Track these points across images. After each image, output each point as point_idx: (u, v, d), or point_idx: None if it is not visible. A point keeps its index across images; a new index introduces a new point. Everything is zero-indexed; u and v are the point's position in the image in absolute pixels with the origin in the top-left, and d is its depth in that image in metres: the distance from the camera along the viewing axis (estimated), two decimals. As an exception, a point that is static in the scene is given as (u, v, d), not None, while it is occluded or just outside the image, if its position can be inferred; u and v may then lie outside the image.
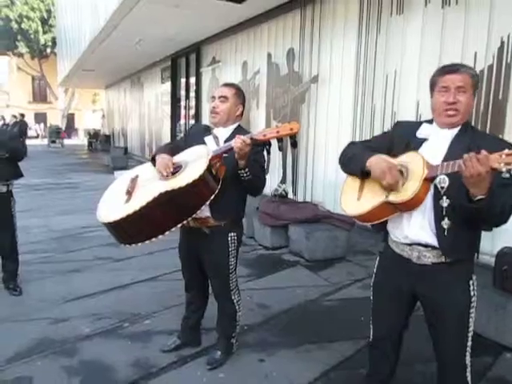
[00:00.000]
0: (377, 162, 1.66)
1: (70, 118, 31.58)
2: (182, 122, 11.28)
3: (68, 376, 2.40)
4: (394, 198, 1.61)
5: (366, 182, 1.77)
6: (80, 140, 28.91)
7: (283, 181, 6.67)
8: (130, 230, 2.05)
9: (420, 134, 1.73)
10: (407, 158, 1.66)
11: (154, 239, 2.04)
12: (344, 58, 5.43)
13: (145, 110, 14.72)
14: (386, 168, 1.61)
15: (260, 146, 2.20)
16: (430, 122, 1.75)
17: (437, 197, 1.60)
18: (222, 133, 2.38)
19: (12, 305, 3.32)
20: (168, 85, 11.91)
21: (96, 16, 8.98)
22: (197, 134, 2.46)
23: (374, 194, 1.69)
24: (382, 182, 1.62)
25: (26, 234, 4.86)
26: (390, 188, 1.61)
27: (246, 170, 2.12)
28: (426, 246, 1.67)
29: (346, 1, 5.36)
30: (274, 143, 2.07)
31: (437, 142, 1.68)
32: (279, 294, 3.58)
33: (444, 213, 1.59)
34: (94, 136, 21.98)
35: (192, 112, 10.42)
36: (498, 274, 2.85)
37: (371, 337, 1.93)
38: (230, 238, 2.37)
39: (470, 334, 1.70)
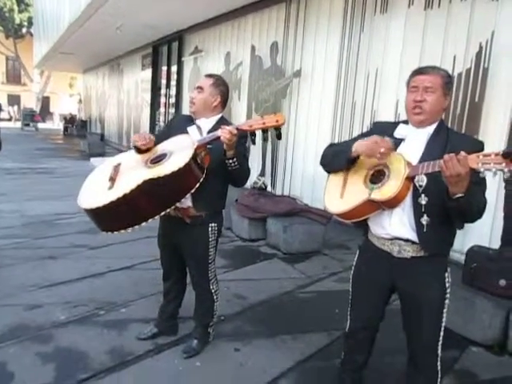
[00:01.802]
0: (362, 142, 1.72)
1: (45, 102, 30.79)
2: (162, 110, 11.17)
3: (42, 362, 2.38)
4: (376, 195, 1.66)
5: (348, 180, 1.82)
6: (55, 124, 28.21)
7: (262, 173, 6.71)
8: (113, 217, 2.04)
9: (397, 134, 1.80)
10: (388, 158, 1.72)
11: (136, 227, 2.04)
12: (327, 53, 5.48)
13: (124, 97, 14.48)
14: (375, 140, 1.67)
15: (244, 137, 2.22)
16: (406, 122, 1.82)
17: (416, 195, 1.66)
18: (205, 123, 2.39)
19: (-16, 290, 3.26)
20: (149, 72, 11.75)
21: (76, -2, 8.76)
22: (180, 124, 2.46)
23: (356, 193, 1.74)
24: (377, 152, 1.65)
25: (-2, 218, 4.76)
26: (385, 157, 1.65)
27: (234, 159, 2.14)
28: (406, 240, 1.74)
29: (331, -3, 5.40)
30: (259, 134, 2.09)
31: (413, 141, 1.76)
32: (256, 285, 3.63)
33: (423, 210, 1.65)
34: (70, 121, 21.48)
35: (172, 101, 10.32)
36: (467, 271, 2.97)
37: (347, 327, 1.99)
38: (210, 229, 2.39)
39: (443, 324, 1.79)
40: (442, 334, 1.78)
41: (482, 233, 3.64)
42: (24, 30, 25.97)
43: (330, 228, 4.78)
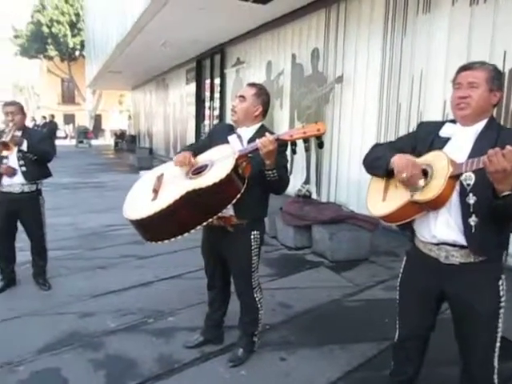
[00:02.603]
0: (400, 158, 1.66)
1: (98, 119, 32.27)
2: (207, 122, 11.39)
3: (94, 369, 2.46)
4: (419, 196, 1.59)
5: (390, 182, 1.77)
6: (106, 140, 29.52)
7: (307, 181, 6.66)
8: (156, 227, 2.08)
9: (443, 133, 1.73)
10: (431, 157, 1.66)
11: (179, 237, 2.07)
12: (369, 57, 5.39)
13: (170, 111, 14.92)
14: (407, 163, 1.62)
15: (283, 147, 2.21)
16: (454, 121, 1.74)
17: (463, 194, 1.59)
18: (246, 132, 2.40)
19: (42, 299, 3.42)
20: (193, 86, 12.04)
21: (123, 19, 9.17)
22: (220, 133, 2.49)
23: (398, 194, 1.68)
24: (400, 176, 1.61)
25: (54, 231, 4.99)
26: (408, 184, 1.61)
27: (274, 170, 2.14)
28: (453, 245, 1.65)
29: (371, 0, 5.32)
30: (300, 144, 2.07)
31: (460, 140, 1.67)
32: (301, 293, 3.58)
33: (471, 210, 1.57)
34: (120, 136, 22.42)
35: (216, 113, 10.50)
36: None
37: (396, 337, 1.92)
38: (252, 237, 2.39)
39: (499, 335, 1.68)
40: (498, 344, 1.67)
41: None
42: (77, 53, 27.42)
43: (377, 235, 4.66)
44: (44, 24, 25.89)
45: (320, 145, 2.05)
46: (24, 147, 3.35)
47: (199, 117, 11.81)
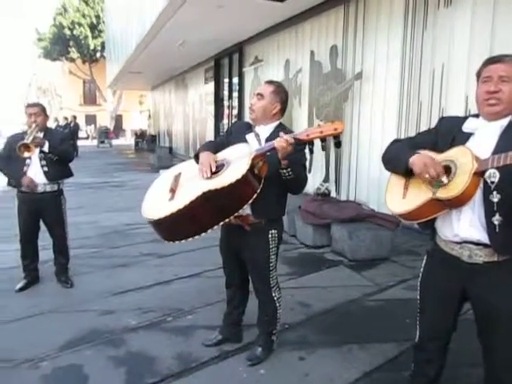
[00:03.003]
0: (419, 159, 1.62)
1: (118, 119, 32.74)
2: (226, 121, 11.42)
3: (115, 366, 2.49)
4: (441, 194, 1.55)
5: (411, 179, 1.72)
6: (127, 140, 29.92)
7: (326, 179, 6.61)
8: (174, 227, 2.09)
9: (466, 128, 1.67)
10: (454, 153, 1.60)
11: (196, 237, 2.07)
12: (389, 53, 5.31)
13: (189, 110, 15.01)
14: (427, 163, 1.57)
15: (302, 145, 2.18)
16: (477, 116, 1.68)
17: (487, 192, 1.53)
18: (263, 131, 2.39)
19: (64, 296, 3.49)
20: (211, 85, 12.08)
21: (142, 20, 9.26)
22: (239, 132, 2.48)
23: (420, 191, 1.64)
24: (423, 176, 1.57)
25: (76, 229, 5.09)
26: (434, 182, 1.56)
27: (289, 169, 2.12)
28: (477, 244, 1.60)
29: (391, -5, 5.24)
30: (317, 143, 2.04)
31: (484, 135, 1.61)
32: (321, 293, 3.55)
33: (495, 208, 1.52)
34: (140, 136, 22.68)
35: (235, 111, 10.52)
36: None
37: (417, 338, 1.88)
38: (270, 236, 2.38)
39: None
40: (523, 347, 1.62)
41: None
42: (98, 55, 27.85)
43: (398, 233, 4.59)
44: (66, 26, 26.40)
45: (337, 144, 2.01)
46: (46, 148, 3.42)
47: (218, 116, 11.85)
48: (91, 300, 3.40)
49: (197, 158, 2.27)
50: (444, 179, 1.55)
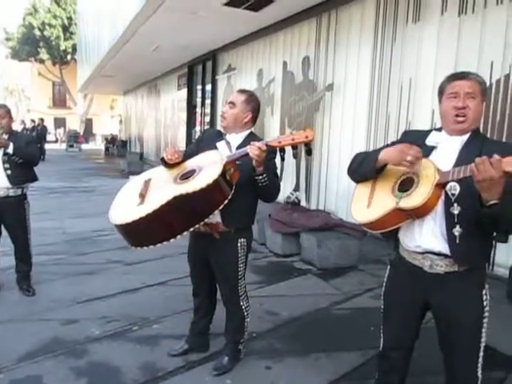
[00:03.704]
0: (388, 149, 1.66)
1: (89, 123, 32.10)
2: (198, 128, 11.38)
3: (76, 377, 2.41)
4: (404, 204, 1.59)
5: (376, 189, 1.76)
6: (97, 145, 29.37)
7: (296, 188, 6.66)
8: (142, 232, 2.06)
9: (429, 141, 1.72)
10: (418, 165, 1.65)
11: (164, 243, 2.04)
12: (359, 66, 5.43)
13: (161, 116, 14.89)
14: (403, 148, 1.60)
15: (273, 153, 2.20)
16: (439, 129, 1.74)
17: (448, 204, 1.58)
18: (235, 139, 2.39)
19: (25, 305, 3.36)
20: (184, 92, 12.04)
21: (115, 23, 9.16)
22: (209, 139, 2.48)
23: (384, 201, 1.67)
24: (404, 161, 1.58)
25: (40, 236, 4.93)
26: (413, 165, 1.58)
27: (264, 175, 2.13)
28: (438, 254, 1.65)
29: (362, 9, 5.38)
30: (289, 150, 2.06)
31: (446, 149, 1.67)
32: (289, 301, 3.56)
33: (455, 220, 1.57)
34: (110, 141, 22.34)
35: (207, 119, 10.50)
36: (513, 287, 2.80)
37: (381, 346, 1.91)
38: (239, 244, 2.37)
39: (483, 345, 1.68)
40: (481, 354, 1.66)
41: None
42: (69, 57, 27.31)
43: (366, 242, 4.66)
44: (36, 27, 25.79)
45: (308, 152, 2.05)
46: (10, 150, 3.32)
47: (190, 123, 11.80)
48: (54, 309, 3.29)
49: (163, 160, 2.26)
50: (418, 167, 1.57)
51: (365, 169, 1.77)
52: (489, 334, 1.70)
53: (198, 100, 11.27)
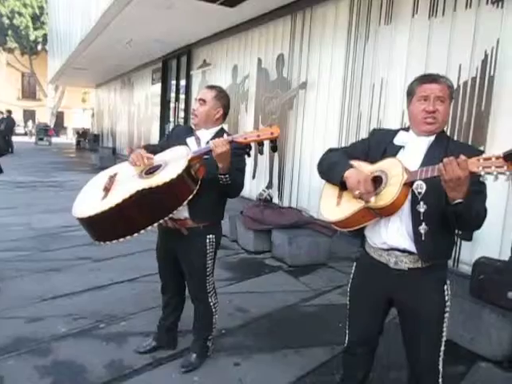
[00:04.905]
0: (351, 175, 1.66)
1: (59, 116, 31.32)
2: (172, 123, 11.25)
3: (40, 376, 2.36)
4: (373, 203, 1.61)
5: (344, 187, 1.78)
6: (68, 139, 28.69)
7: (269, 185, 6.68)
8: (105, 226, 2.02)
9: (397, 141, 1.76)
10: (385, 165, 1.68)
11: (128, 237, 2.01)
12: (332, 65, 5.47)
13: (134, 111, 14.63)
14: (359, 180, 1.62)
15: (241, 150, 2.19)
16: (407, 129, 1.78)
17: (414, 202, 1.62)
18: (204, 135, 2.38)
19: (-13, 302, 3.26)
20: (158, 86, 11.86)
21: (87, 15, 8.94)
22: (179, 135, 2.46)
23: (353, 200, 1.69)
24: (353, 192, 1.62)
25: (5, 231, 4.80)
26: (361, 198, 1.62)
27: (226, 175, 2.12)
28: (403, 251, 1.68)
29: (336, 9, 5.42)
30: (257, 147, 2.06)
31: (413, 149, 1.71)
32: (259, 298, 3.57)
33: (421, 218, 1.61)
34: (82, 135, 21.81)
35: (182, 114, 10.39)
36: (475, 283, 2.88)
37: (346, 341, 1.94)
38: (208, 240, 2.36)
39: (444, 339, 1.72)
40: (442, 349, 1.71)
41: (491, 244, 3.54)
42: (39, 47, 26.54)
43: (336, 240, 4.71)
44: (4, 15, 24.94)
45: (273, 148, 2.05)
46: (-28, 142, 3.20)
47: (164, 118, 11.65)
48: (18, 306, 3.20)
49: None
50: (372, 200, 1.60)
51: (331, 177, 1.81)
52: (452, 329, 1.75)
53: (172, 95, 11.13)
